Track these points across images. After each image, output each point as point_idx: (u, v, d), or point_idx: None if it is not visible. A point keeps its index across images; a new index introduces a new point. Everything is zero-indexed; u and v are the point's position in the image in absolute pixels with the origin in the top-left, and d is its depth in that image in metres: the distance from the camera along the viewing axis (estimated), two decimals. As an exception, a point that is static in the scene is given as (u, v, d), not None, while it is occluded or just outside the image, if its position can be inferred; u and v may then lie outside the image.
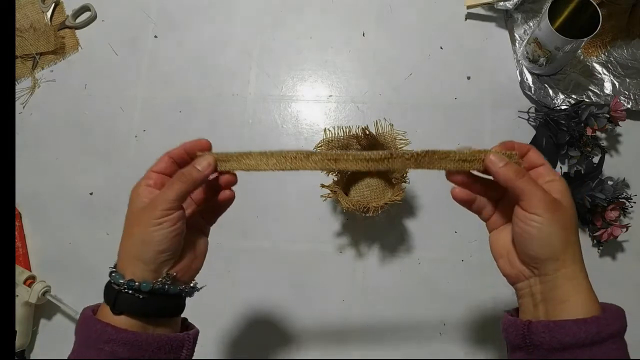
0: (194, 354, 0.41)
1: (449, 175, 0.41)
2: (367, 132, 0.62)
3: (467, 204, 0.42)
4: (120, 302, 0.36)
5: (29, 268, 0.70)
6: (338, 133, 0.64)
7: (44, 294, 0.66)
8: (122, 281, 0.36)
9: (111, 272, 0.38)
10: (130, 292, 0.36)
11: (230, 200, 0.44)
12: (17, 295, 0.65)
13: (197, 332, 0.42)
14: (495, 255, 0.42)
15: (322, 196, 0.63)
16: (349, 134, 0.64)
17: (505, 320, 0.39)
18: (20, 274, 0.66)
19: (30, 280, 0.66)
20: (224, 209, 0.45)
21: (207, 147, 0.42)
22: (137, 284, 0.36)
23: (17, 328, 0.64)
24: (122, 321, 0.37)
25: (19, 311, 0.65)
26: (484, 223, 0.43)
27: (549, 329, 0.34)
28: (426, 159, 0.39)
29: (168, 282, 0.38)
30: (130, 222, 0.39)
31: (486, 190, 0.42)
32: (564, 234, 0.36)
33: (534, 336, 0.35)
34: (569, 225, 0.36)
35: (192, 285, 0.41)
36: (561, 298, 0.36)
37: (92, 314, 0.38)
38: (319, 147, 0.64)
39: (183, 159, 0.41)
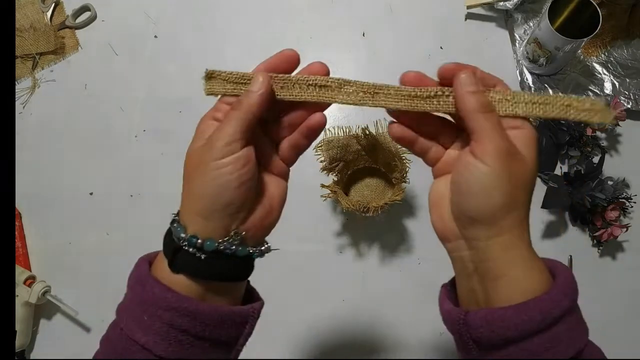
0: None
1: (391, 111, 0.34)
2: (367, 132, 0.62)
3: (408, 143, 0.35)
4: (179, 261, 0.31)
5: (29, 268, 0.70)
6: (338, 133, 0.64)
7: (44, 294, 0.66)
8: (183, 235, 0.30)
9: (173, 221, 0.32)
10: (191, 249, 0.30)
11: (320, 127, 0.35)
12: (17, 295, 0.65)
13: (262, 304, 0.36)
14: (430, 204, 0.35)
15: (322, 196, 0.63)
16: (349, 134, 0.64)
17: (442, 306, 0.34)
18: (20, 274, 0.66)
19: (30, 280, 0.66)
20: (309, 143, 0.36)
21: (295, 60, 0.35)
22: (200, 241, 0.30)
23: (17, 328, 0.64)
24: (180, 282, 0.31)
25: (19, 311, 0.65)
26: None
27: (487, 322, 0.29)
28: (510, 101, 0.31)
29: (236, 242, 0.31)
30: (188, 166, 0.32)
31: (438, 131, 0.35)
32: (510, 194, 0.29)
33: (473, 331, 0.29)
34: (522, 184, 0.30)
35: (263, 247, 0.35)
36: (496, 273, 0.30)
37: (149, 268, 0.32)
38: (319, 147, 0.64)
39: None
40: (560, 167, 0.71)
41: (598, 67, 0.74)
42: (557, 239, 0.68)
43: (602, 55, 0.74)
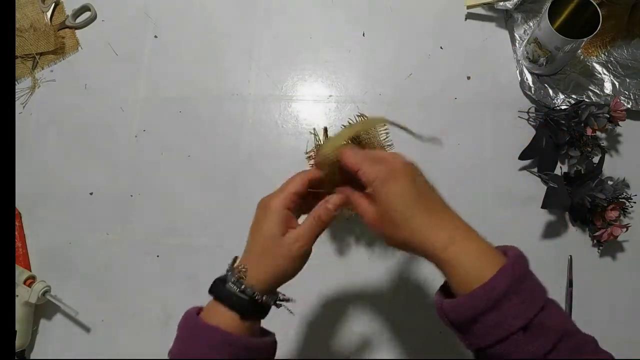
0: None
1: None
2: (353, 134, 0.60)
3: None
4: (236, 304, 0.41)
5: (29, 268, 0.70)
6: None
7: (44, 294, 0.66)
8: (251, 291, 0.42)
9: (238, 280, 0.42)
10: (243, 296, 0.41)
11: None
12: (17, 295, 0.65)
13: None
14: None
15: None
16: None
17: (435, 299, 0.41)
18: (20, 274, 0.66)
19: (30, 280, 0.66)
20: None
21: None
22: (258, 297, 0.42)
23: (17, 328, 0.64)
24: (228, 321, 0.41)
25: (19, 311, 0.65)
26: (484, 224, 0.43)
27: (453, 309, 0.37)
28: None
29: (271, 298, 0.45)
30: (263, 244, 0.44)
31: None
32: (396, 226, 0.40)
33: (449, 316, 0.37)
34: (393, 208, 0.40)
35: (282, 298, 0.47)
36: (452, 265, 0.38)
37: (201, 319, 0.41)
38: (311, 157, 0.64)
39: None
40: (560, 167, 0.71)
41: (598, 67, 0.74)
42: (557, 239, 0.68)
43: (602, 55, 0.74)
